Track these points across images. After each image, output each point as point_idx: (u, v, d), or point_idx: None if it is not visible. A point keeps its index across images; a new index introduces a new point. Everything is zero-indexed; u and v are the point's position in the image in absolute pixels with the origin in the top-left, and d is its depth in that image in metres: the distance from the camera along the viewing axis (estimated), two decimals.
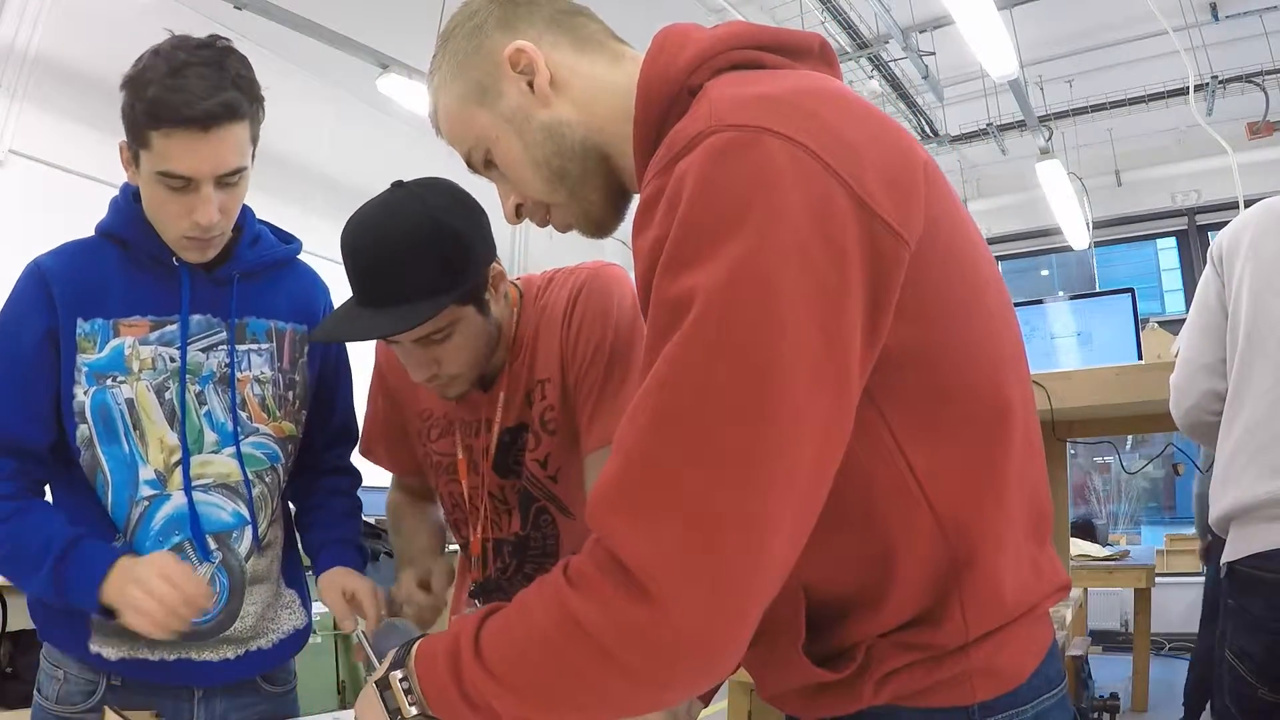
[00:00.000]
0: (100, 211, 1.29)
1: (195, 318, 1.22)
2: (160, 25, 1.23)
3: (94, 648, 1.16)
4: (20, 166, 4.11)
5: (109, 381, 1.17)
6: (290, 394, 1.29)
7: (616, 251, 1.56)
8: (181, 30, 1.19)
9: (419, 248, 1.08)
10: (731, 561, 0.58)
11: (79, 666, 1.18)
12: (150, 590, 1.05)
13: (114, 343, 1.18)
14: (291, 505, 1.38)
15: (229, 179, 1.14)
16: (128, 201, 1.24)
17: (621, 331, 1.21)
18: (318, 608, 1.37)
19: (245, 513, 1.23)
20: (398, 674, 0.76)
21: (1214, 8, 5.07)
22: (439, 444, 1.32)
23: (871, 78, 5.46)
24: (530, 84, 0.81)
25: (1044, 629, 0.76)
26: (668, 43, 0.76)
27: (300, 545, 1.37)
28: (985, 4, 3.96)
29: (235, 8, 3.86)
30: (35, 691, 1.21)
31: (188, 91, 1.06)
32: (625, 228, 0.82)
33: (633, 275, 0.93)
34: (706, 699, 1.01)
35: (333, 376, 1.38)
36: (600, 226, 0.86)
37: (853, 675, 0.71)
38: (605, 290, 1.23)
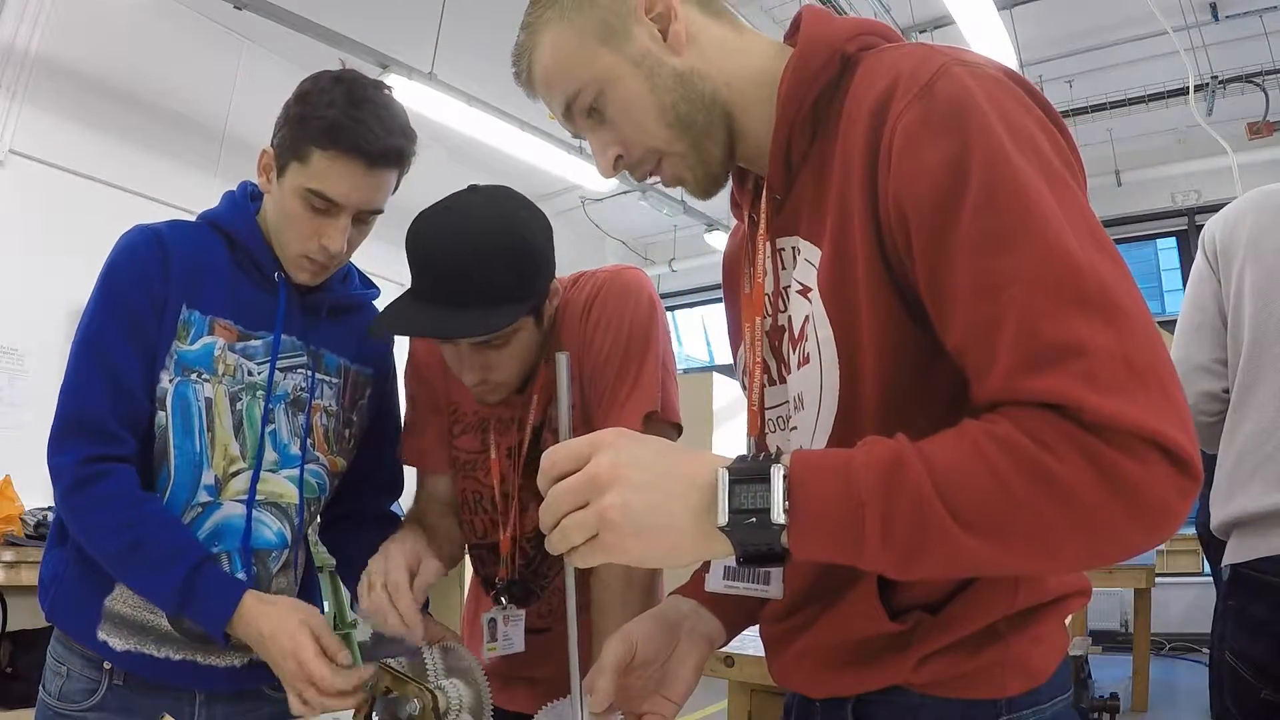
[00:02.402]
0: (99, 211, 1.30)
1: (283, 337, 1.23)
2: (160, 25, 1.24)
3: (101, 635, 1.16)
4: (20, 166, 4.10)
5: (193, 376, 1.17)
6: (347, 432, 1.32)
7: (616, 251, 1.56)
8: (181, 30, 1.20)
9: (500, 255, 1.10)
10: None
11: (82, 664, 1.18)
12: (281, 671, 1.07)
13: (206, 340, 1.18)
14: (328, 554, 1.39)
15: (367, 216, 1.18)
16: (245, 199, 1.26)
17: (636, 333, 1.22)
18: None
19: (288, 535, 1.24)
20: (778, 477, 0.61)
21: (1214, 8, 5.07)
22: (461, 440, 1.33)
23: None
24: (663, 32, 0.82)
25: (1065, 632, 0.78)
26: (818, 14, 0.83)
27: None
28: (985, 4, 3.96)
29: (235, 8, 3.86)
30: (40, 687, 1.21)
31: (366, 125, 1.11)
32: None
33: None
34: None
35: (385, 424, 1.39)
36: (714, 183, 0.86)
37: (906, 632, 0.74)
38: (623, 291, 1.24)
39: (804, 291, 0.79)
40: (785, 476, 0.61)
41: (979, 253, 0.63)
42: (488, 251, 1.09)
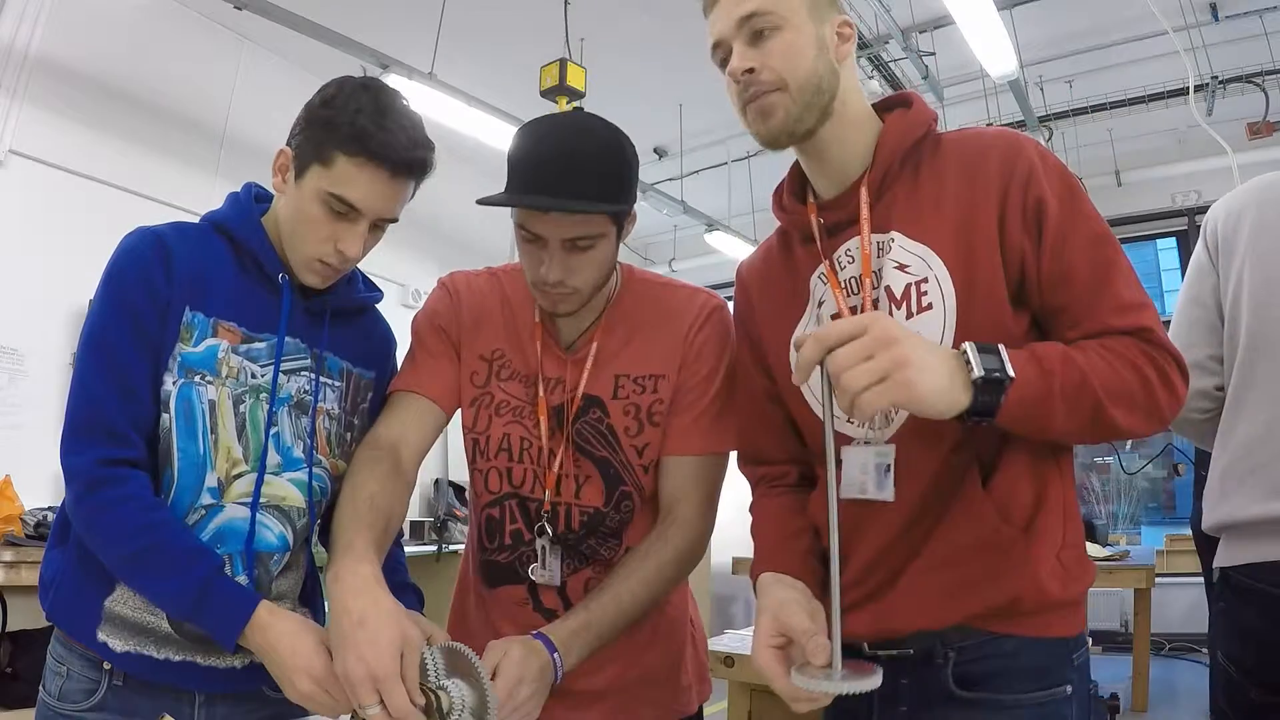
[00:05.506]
0: (99, 211, 1.30)
1: (286, 340, 1.23)
2: (160, 25, 1.24)
3: (101, 636, 1.16)
4: (20, 166, 4.10)
5: (196, 378, 1.17)
6: (348, 435, 1.32)
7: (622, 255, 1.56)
8: (181, 30, 1.20)
9: (616, 157, 1.23)
10: None
11: (82, 664, 1.18)
12: (292, 686, 1.06)
13: (210, 341, 1.18)
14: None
15: (383, 224, 1.20)
16: (249, 201, 1.26)
17: (730, 366, 1.33)
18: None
19: (290, 538, 1.24)
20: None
21: (1214, 8, 5.06)
22: (509, 384, 1.34)
23: (871, 78, 5.44)
24: (841, 44, 1.11)
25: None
26: (909, 106, 1.16)
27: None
28: (985, 4, 3.96)
29: (235, 8, 3.85)
30: (40, 688, 1.21)
31: (393, 135, 1.14)
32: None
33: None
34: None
35: None
36: (790, 136, 1.09)
37: (1016, 536, 1.02)
38: (728, 326, 1.37)
39: (901, 267, 1.05)
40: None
41: (1089, 247, 1.03)
42: (607, 151, 1.22)
